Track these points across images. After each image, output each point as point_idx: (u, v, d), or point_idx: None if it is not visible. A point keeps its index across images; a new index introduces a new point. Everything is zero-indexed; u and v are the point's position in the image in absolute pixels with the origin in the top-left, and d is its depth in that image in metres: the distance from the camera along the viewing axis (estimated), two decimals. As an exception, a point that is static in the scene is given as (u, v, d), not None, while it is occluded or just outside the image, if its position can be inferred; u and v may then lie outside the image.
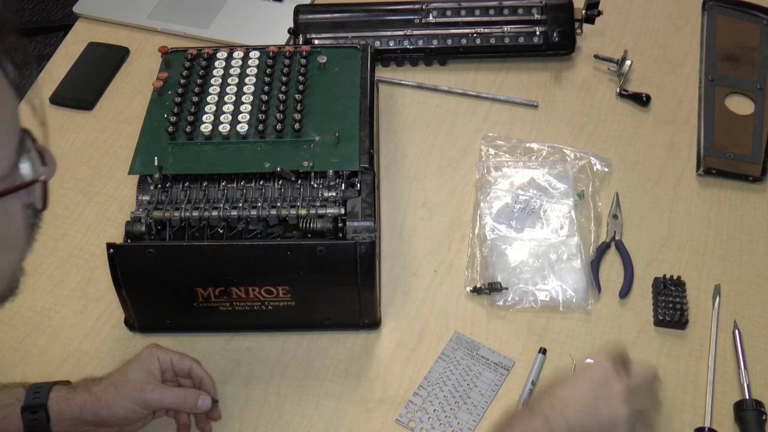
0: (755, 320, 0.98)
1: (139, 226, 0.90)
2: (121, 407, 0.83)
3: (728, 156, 1.13)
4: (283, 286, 0.91)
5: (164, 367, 0.87)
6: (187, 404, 0.86)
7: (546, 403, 0.77)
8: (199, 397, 0.86)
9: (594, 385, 0.76)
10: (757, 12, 1.31)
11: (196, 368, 0.89)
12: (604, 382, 0.76)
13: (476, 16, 1.26)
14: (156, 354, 0.87)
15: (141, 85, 1.27)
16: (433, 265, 1.04)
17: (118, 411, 0.83)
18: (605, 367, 0.77)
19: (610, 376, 0.76)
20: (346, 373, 0.95)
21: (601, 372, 0.77)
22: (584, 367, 0.81)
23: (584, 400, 0.76)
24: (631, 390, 0.76)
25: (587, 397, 0.76)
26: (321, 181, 0.95)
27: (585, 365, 0.82)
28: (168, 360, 0.88)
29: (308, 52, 1.08)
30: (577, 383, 0.78)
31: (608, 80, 1.25)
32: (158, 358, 0.87)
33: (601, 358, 0.78)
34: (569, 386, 0.78)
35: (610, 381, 0.76)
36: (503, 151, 1.14)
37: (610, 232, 1.06)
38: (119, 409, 0.83)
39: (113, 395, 0.83)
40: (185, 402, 0.85)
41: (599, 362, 0.78)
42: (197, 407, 0.86)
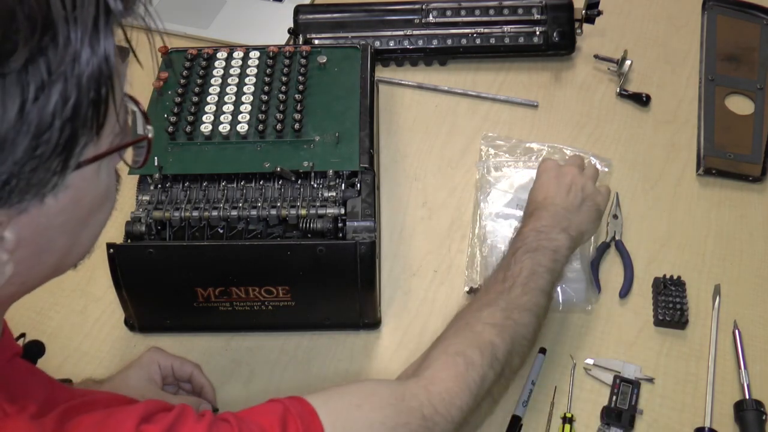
0: (755, 320, 0.98)
1: (139, 226, 0.90)
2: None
3: (728, 156, 1.13)
4: (283, 286, 0.91)
5: (165, 372, 0.87)
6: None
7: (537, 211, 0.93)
8: (199, 406, 0.85)
9: (553, 175, 0.96)
10: (757, 12, 1.31)
11: (197, 374, 0.88)
12: (557, 167, 0.98)
13: (476, 16, 1.26)
14: (157, 359, 0.87)
15: (141, 85, 1.26)
16: (433, 265, 1.04)
17: None
18: (551, 162, 0.99)
19: (557, 165, 0.98)
20: (346, 373, 0.95)
21: (552, 163, 0.99)
22: (539, 173, 0.99)
23: (555, 186, 0.95)
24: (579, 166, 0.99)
25: (555, 184, 0.95)
26: (321, 181, 0.95)
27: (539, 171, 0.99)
28: (169, 366, 0.87)
29: (308, 52, 1.08)
30: (541, 181, 0.97)
31: (608, 80, 1.25)
32: (159, 364, 0.87)
33: (544, 160, 1.01)
34: (538, 187, 0.97)
35: (560, 166, 0.98)
36: (503, 151, 1.14)
37: (610, 232, 1.06)
38: None
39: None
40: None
41: (544, 162, 0.99)
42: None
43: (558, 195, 0.94)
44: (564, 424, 0.89)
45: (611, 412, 0.89)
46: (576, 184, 0.95)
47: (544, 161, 1.00)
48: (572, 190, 0.94)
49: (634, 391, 0.91)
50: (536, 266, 0.86)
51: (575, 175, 0.96)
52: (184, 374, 0.88)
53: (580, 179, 0.96)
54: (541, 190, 0.96)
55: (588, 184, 0.96)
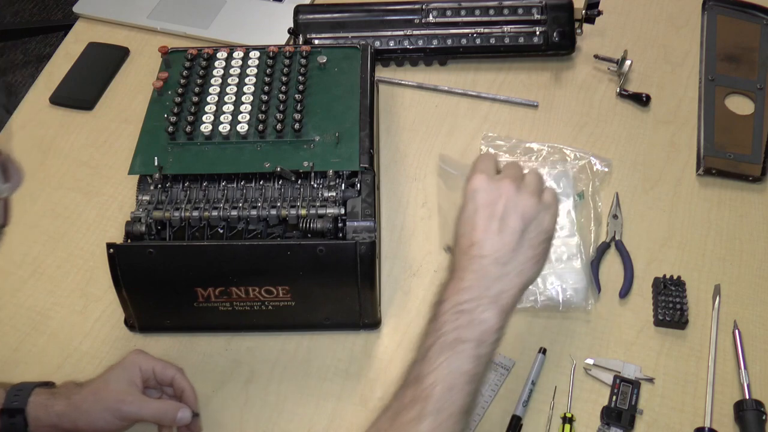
0: (755, 320, 0.98)
1: (139, 226, 0.90)
2: (99, 418, 0.81)
3: (728, 156, 1.13)
4: (283, 286, 0.91)
5: (146, 376, 0.86)
6: (166, 418, 0.84)
7: (461, 261, 0.74)
8: (178, 411, 0.84)
9: (482, 202, 0.75)
10: (757, 12, 1.31)
11: (179, 378, 0.88)
12: (487, 189, 0.75)
13: (476, 16, 1.26)
14: (139, 362, 0.86)
15: (141, 85, 1.27)
16: (433, 265, 1.04)
17: (97, 422, 0.82)
18: (479, 179, 0.76)
19: (487, 184, 0.76)
20: (346, 373, 0.95)
21: (481, 182, 0.76)
22: (466, 196, 0.77)
23: (484, 222, 0.74)
24: (516, 178, 0.77)
25: (485, 217, 0.74)
26: (321, 181, 0.95)
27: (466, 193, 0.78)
28: (150, 369, 0.86)
29: (308, 52, 1.08)
30: (467, 213, 0.75)
31: (608, 80, 1.25)
32: (140, 367, 0.86)
33: (470, 176, 0.77)
34: (463, 223, 0.75)
35: (492, 187, 0.76)
36: (503, 151, 1.14)
37: (610, 232, 1.06)
38: (97, 420, 0.81)
39: (92, 405, 0.82)
40: (165, 416, 0.84)
41: (471, 180, 0.77)
42: (177, 421, 0.84)
43: (487, 239, 0.73)
44: (564, 424, 0.89)
45: (611, 412, 0.89)
46: (512, 212, 0.74)
47: (473, 177, 0.77)
48: (507, 224, 0.74)
49: (634, 391, 0.91)
50: (455, 377, 0.68)
51: (510, 197, 0.75)
52: (166, 378, 0.87)
53: (518, 202, 0.75)
54: (465, 227, 0.75)
55: (528, 205, 0.75)
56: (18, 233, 1.09)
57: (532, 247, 0.75)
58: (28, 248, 1.08)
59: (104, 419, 0.82)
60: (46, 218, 1.11)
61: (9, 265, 1.06)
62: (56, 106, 1.25)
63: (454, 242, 0.77)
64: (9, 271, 1.05)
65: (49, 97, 1.25)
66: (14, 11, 2.62)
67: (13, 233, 1.09)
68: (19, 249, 1.08)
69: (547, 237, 0.76)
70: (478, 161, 0.80)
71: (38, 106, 1.25)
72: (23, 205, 1.12)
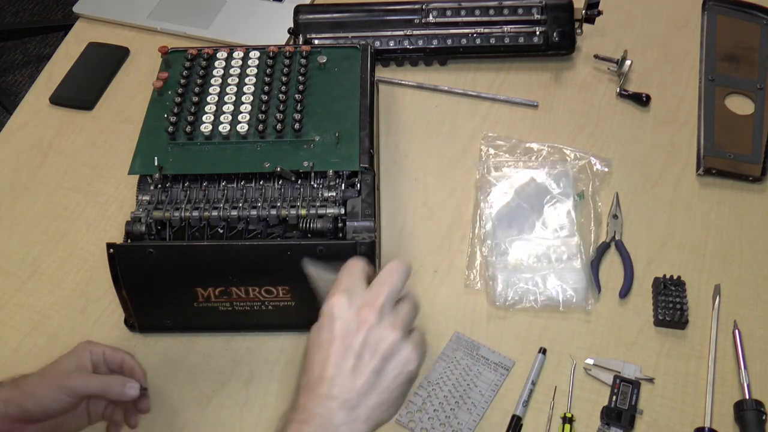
0: (755, 320, 0.98)
1: (139, 226, 0.90)
2: (46, 397, 0.80)
3: (728, 156, 1.13)
4: (283, 286, 0.91)
5: (96, 360, 0.85)
6: (113, 389, 0.83)
7: (307, 396, 0.66)
8: (126, 383, 0.83)
9: (339, 333, 0.67)
10: (757, 12, 1.31)
11: (129, 360, 0.87)
12: (346, 316, 0.67)
13: (476, 16, 1.26)
14: (88, 347, 0.85)
15: (141, 85, 1.27)
16: (433, 265, 1.04)
17: (43, 401, 0.80)
18: (340, 303, 0.67)
19: (347, 311, 0.67)
20: (346, 373, 0.94)
21: (341, 307, 0.67)
22: (323, 317, 0.68)
23: (338, 356, 0.66)
24: (382, 306, 0.67)
25: (340, 350, 0.66)
26: (321, 181, 0.95)
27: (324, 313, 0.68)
28: (100, 353, 0.85)
29: (308, 52, 1.08)
30: (321, 340, 0.67)
31: (608, 80, 1.25)
32: (90, 351, 0.85)
33: (332, 294, 0.69)
34: (315, 348, 0.67)
35: (352, 317, 0.67)
36: (503, 151, 1.14)
37: (610, 232, 1.06)
38: (44, 399, 0.80)
39: (38, 386, 0.81)
40: (111, 387, 0.83)
41: (331, 301, 0.68)
42: (124, 393, 0.83)
43: (338, 376, 0.65)
44: (564, 424, 0.89)
45: (611, 412, 0.89)
46: (370, 348, 0.66)
47: (334, 298, 0.68)
48: (363, 362, 0.66)
49: (634, 391, 0.91)
50: None
51: (371, 330, 0.66)
52: (116, 361, 0.86)
53: (380, 337, 0.66)
54: (319, 354, 0.67)
55: (391, 341, 0.66)
56: (18, 233, 1.09)
57: (388, 390, 0.66)
58: (28, 248, 1.08)
59: (51, 397, 0.80)
60: (46, 218, 1.11)
61: (9, 265, 1.06)
62: (56, 106, 1.25)
63: (303, 366, 0.68)
64: (9, 271, 1.05)
65: (49, 97, 1.25)
66: (14, 11, 2.62)
67: (13, 233, 1.09)
68: (19, 249, 1.08)
69: (408, 380, 0.67)
70: (344, 275, 0.70)
71: (38, 106, 1.25)
72: (23, 205, 1.12)
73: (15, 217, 1.12)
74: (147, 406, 0.87)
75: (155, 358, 0.96)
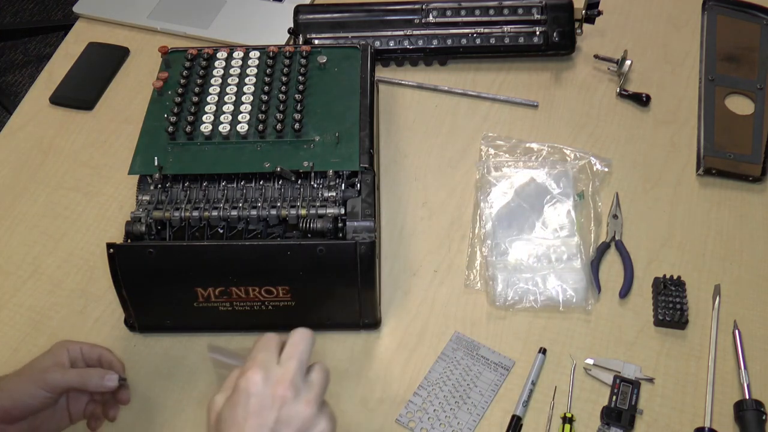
0: (755, 320, 0.98)
1: (139, 226, 0.90)
2: (23, 393, 0.80)
3: (728, 156, 1.13)
4: (283, 286, 0.91)
5: (74, 356, 0.84)
6: (92, 382, 0.82)
7: None
8: (105, 375, 0.83)
9: (254, 410, 0.65)
10: (757, 12, 1.31)
11: (106, 354, 0.86)
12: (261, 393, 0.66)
13: (476, 16, 1.26)
14: (65, 345, 0.85)
15: (141, 85, 1.27)
16: (433, 265, 1.04)
17: (21, 397, 0.79)
18: (254, 379, 0.66)
19: (262, 388, 0.66)
20: (346, 373, 0.95)
21: (256, 384, 0.66)
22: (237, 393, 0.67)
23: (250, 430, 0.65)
24: (294, 379, 0.67)
25: (254, 428, 0.65)
26: (321, 181, 0.95)
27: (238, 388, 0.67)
28: (77, 349, 0.85)
29: (308, 52, 1.08)
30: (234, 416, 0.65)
31: (608, 80, 1.25)
32: (68, 349, 0.84)
33: (246, 368, 0.68)
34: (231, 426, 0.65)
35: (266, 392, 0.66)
36: (503, 151, 1.14)
37: (610, 232, 1.06)
38: (21, 395, 0.79)
39: (15, 384, 0.80)
40: (90, 379, 0.82)
41: (245, 376, 0.67)
42: (103, 384, 0.82)
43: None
44: (564, 424, 0.89)
45: (611, 412, 0.89)
46: (285, 426, 0.65)
47: (249, 373, 0.67)
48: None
49: (634, 391, 0.91)
50: None
51: (286, 405, 0.66)
52: (93, 357, 0.86)
53: (295, 413, 0.66)
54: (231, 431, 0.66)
55: (305, 417, 0.66)
56: (18, 233, 1.09)
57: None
58: (28, 248, 1.08)
59: (28, 392, 0.80)
60: (46, 218, 1.11)
61: (9, 265, 1.06)
62: (56, 106, 1.25)
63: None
64: (9, 271, 1.05)
65: (49, 97, 1.25)
66: (14, 11, 2.62)
67: (13, 233, 1.09)
68: (19, 249, 1.08)
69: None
70: (257, 349, 0.69)
71: (38, 106, 1.25)
72: (23, 205, 1.12)
73: (15, 217, 1.12)
74: (127, 396, 0.87)
75: (155, 358, 0.96)
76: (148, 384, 0.94)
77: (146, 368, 0.95)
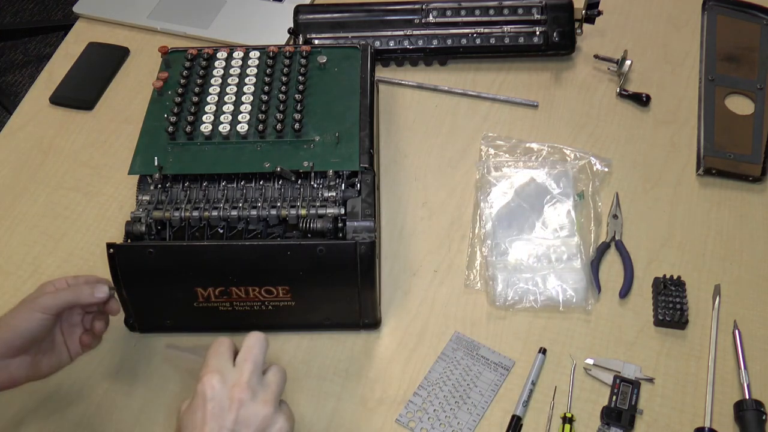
0: (755, 320, 0.98)
1: (139, 226, 0.90)
2: (20, 320, 0.81)
3: (728, 156, 1.13)
4: (283, 286, 0.91)
5: (60, 287, 0.85)
6: (83, 295, 0.84)
7: None
8: (94, 287, 0.85)
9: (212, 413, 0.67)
10: (757, 12, 1.31)
11: (90, 277, 0.87)
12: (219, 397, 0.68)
13: (476, 16, 1.26)
14: (50, 282, 0.86)
15: (141, 85, 1.27)
16: (433, 265, 1.04)
17: (19, 324, 0.81)
18: (211, 383, 0.69)
19: (219, 391, 0.68)
20: (346, 373, 0.95)
21: (214, 389, 0.68)
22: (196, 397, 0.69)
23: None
24: (250, 381, 0.69)
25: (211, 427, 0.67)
26: (321, 181, 0.95)
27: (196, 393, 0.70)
28: (62, 282, 0.86)
29: (308, 52, 1.08)
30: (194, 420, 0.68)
31: (608, 80, 1.25)
32: (53, 284, 0.85)
33: (202, 374, 0.70)
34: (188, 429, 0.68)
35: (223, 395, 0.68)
36: (503, 151, 1.14)
37: (610, 232, 1.06)
38: (19, 322, 0.81)
39: (10, 316, 0.82)
40: (81, 293, 0.84)
41: (202, 381, 0.69)
42: (95, 296, 0.85)
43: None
44: (564, 424, 0.89)
45: (611, 412, 0.89)
46: (243, 427, 0.67)
47: (205, 379, 0.69)
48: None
49: (634, 391, 0.91)
50: None
51: (243, 407, 0.68)
52: (78, 281, 0.87)
53: (252, 413, 0.68)
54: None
55: (263, 417, 0.68)
56: (18, 233, 1.09)
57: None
58: (28, 248, 1.08)
59: (25, 318, 0.81)
60: (46, 218, 1.11)
61: (9, 265, 1.06)
62: (56, 106, 1.25)
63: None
64: (9, 271, 1.05)
65: (49, 97, 1.25)
66: (14, 11, 2.62)
67: (13, 233, 1.09)
68: (19, 249, 1.08)
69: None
70: (211, 355, 0.72)
71: (38, 106, 1.25)
72: (23, 205, 1.12)
73: (15, 217, 1.12)
74: (117, 307, 0.89)
75: (155, 358, 0.96)
76: (148, 384, 0.94)
77: (146, 368, 0.95)
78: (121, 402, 0.93)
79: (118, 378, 0.95)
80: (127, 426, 0.91)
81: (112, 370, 0.95)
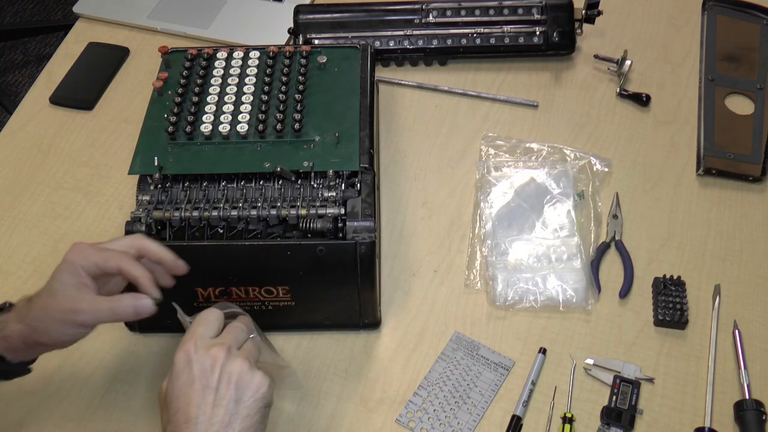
0: (755, 320, 0.98)
1: (139, 226, 0.90)
2: (59, 333, 0.79)
3: (728, 156, 1.13)
4: (283, 286, 0.91)
5: (92, 271, 0.79)
6: (125, 313, 0.79)
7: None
8: (137, 303, 0.79)
9: (197, 373, 0.72)
10: (757, 12, 1.31)
11: (127, 266, 0.79)
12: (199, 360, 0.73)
13: (476, 16, 1.26)
14: (78, 262, 0.78)
15: (141, 85, 1.27)
16: (433, 265, 1.04)
17: (58, 336, 0.79)
18: (189, 348, 0.73)
19: (200, 354, 0.73)
20: (346, 373, 0.95)
21: (188, 354, 0.73)
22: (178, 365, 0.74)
23: (199, 396, 0.71)
24: (230, 346, 0.74)
25: (199, 390, 0.71)
26: (321, 181, 0.95)
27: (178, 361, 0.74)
28: (92, 264, 0.78)
29: (308, 52, 1.08)
30: (179, 386, 0.72)
31: (608, 80, 1.25)
32: (82, 266, 0.78)
33: (184, 341, 0.75)
34: (176, 397, 0.72)
35: (204, 356, 0.73)
36: (503, 151, 1.14)
37: (610, 232, 1.06)
38: (58, 335, 0.79)
39: (47, 323, 0.78)
40: (123, 311, 0.79)
41: (183, 347, 0.74)
42: (137, 314, 0.79)
43: (202, 415, 0.71)
44: (564, 424, 0.89)
45: (611, 412, 0.89)
46: (225, 380, 0.72)
47: (185, 345, 0.74)
48: (221, 394, 0.72)
49: (634, 391, 0.91)
50: None
51: (223, 363, 0.73)
52: (111, 269, 0.79)
53: (231, 368, 0.73)
54: (180, 401, 0.72)
55: (242, 370, 0.73)
56: (18, 233, 1.09)
57: (249, 416, 0.72)
58: (28, 248, 1.08)
59: (64, 333, 0.79)
60: (46, 218, 1.11)
61: (9, 265, 1.06)
62: (56, 106, 1.25)
63: (166, 418, 0.73)
64: (9, 271, 1.05)
65: (49, 97, 1.25)
66: (14, 11, 2.62)
67: (13, 233, 1.09)
68: (19, 249, 1.08)
69: (265, 404, 0.74)
70: (197, 323, 0.77)
71: (38, 106, 1.25)
72: (23, 205, 1.12)
73: (15, 217, 1.12)
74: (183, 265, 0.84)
75: (155, 358, 0.96)
76: (148, 384, 0.94)
77: (146, 368, 0.95)
78: (121, 402, 0.93)
79: (118, 378, 0.95)
80: (127, 426, 0.91)
81: (112, 370, 0.95)
